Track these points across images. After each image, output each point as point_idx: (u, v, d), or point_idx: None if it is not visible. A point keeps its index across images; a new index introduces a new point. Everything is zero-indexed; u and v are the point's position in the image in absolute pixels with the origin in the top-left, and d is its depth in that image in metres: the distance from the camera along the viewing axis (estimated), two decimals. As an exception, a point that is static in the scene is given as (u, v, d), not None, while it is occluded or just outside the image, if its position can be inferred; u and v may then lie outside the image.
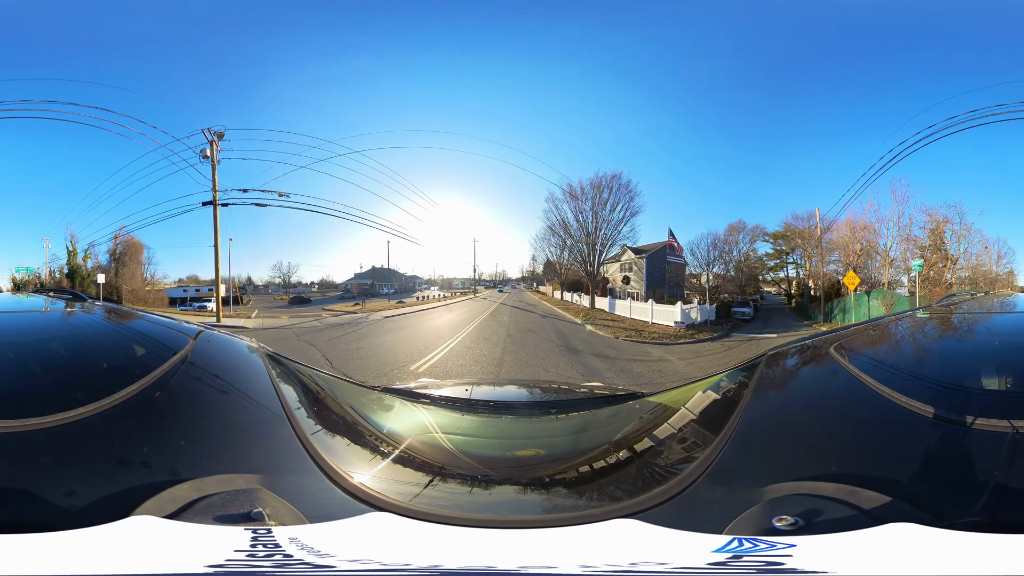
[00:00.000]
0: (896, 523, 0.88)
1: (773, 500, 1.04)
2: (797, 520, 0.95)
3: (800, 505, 1.01)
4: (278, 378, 1.80)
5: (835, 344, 1.78)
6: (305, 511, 1.09)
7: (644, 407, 2.29)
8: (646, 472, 1.59)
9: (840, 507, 0.99)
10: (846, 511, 0.98)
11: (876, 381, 1.36)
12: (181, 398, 1.44)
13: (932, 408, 1.18)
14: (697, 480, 1.22)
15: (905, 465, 1.11)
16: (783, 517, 0.96)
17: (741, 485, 1.19)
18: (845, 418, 1.36)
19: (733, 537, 0.93)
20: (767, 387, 1.68)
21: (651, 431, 1.94)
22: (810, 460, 1.21)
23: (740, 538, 0.93)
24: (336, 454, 1.45)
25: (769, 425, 1.46)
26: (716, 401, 1.92)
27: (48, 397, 1.25)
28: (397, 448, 1.73)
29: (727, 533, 0.98)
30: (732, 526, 1.00)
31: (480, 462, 1.83)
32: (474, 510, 1.41)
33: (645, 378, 12.85)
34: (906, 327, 2.05)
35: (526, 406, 2.72)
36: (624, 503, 1.34)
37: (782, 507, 1.00)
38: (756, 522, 0.99)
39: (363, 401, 2.34)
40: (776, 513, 0.98)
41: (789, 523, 0.95)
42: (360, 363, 14.20)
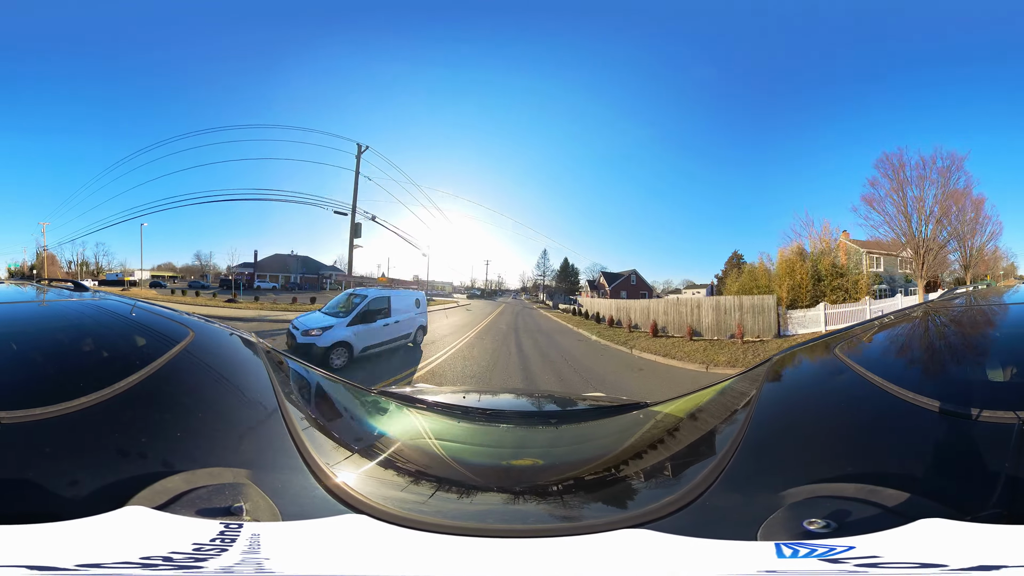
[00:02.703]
0: (926, 519, 0.89)
1: (796, 504, 1.05)
2: (829, 522, 0.96)
3: (824, 507, 1.01)
4: (275, 374, 1.79)
5: (840, 344, 1.79)
6: (283, 508, 1.11)
7: (648, 417, 2.26)
8: (653, 481, 1.57)
9: (865, 507, 1.00)
10: (872, 510, 0.99)
11: (883, 379, 1.37)
12: (179, 390, 1.47)
13: (940, 403, 1.19)
14: (711, 487, 1.22)
15: (919, 461, 1.12)
16: (814, 520, 0.97)
17: (758, 491, 1.20)
18: (855, 417, 1.37)
19: (777, 543, 0.91)
20: (774, 391, 1.69)
21: (657, 440, 1.91)
22: (825, 462, 1.21)
23: (784, 543, 0.90)
24: (325, 453, 1.47)
25: (779, 429, 1.46)
26: (723, 408, 1.91)
27: (51, 387, 1.28)
28: (386, 451, 1.75)
29: (761, 539, 0.94)
30: (762, 531, 0.97)
31: (472, 470, 1.81)
32: (457, 517, 1.40)
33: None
34: (910, 323, 2.05)
35: (524, 415, 2.68)
36: (630, 513, 1.32)
37: (807, 511, 1.01)
38: (787, 526, 1.00)
39: (358, 402, 2.31)
40: (803, 517, 0.99)
41: (822, 526, 0.96)
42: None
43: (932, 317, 2.09)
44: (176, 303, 21.16)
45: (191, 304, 23.59)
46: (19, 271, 33.42)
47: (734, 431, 1.47)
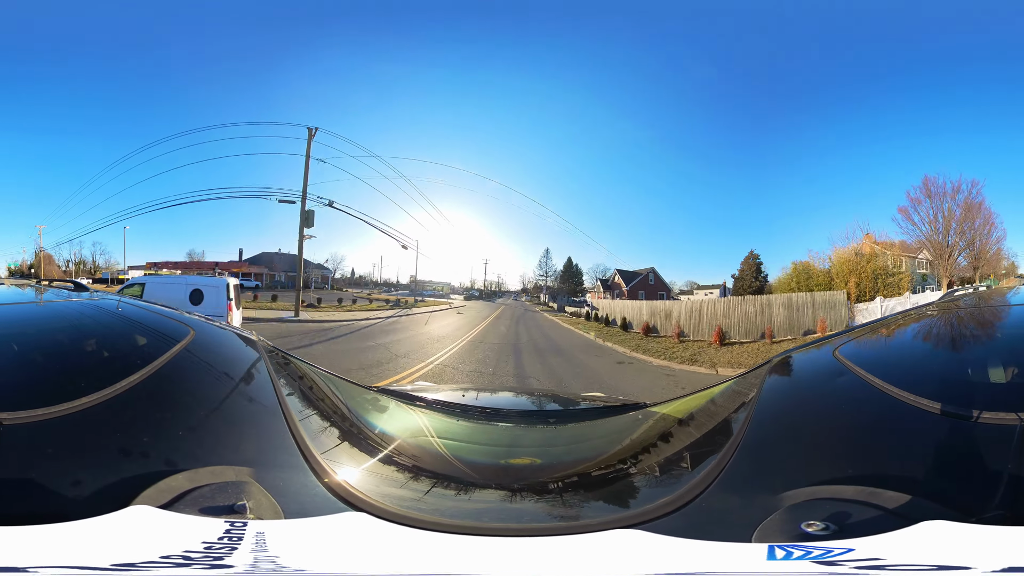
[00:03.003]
0: (928, 521, 0.89)
1: (794, 506, 1.05)
2: (828, 525, 0.96)
3: (824, 509, 1.01)
4: (276, 372, 1.81)
5: (840, 346, 1.79)
6: (285, 506, 1.12)
7: (647, 417, 2.28)
8: (649, 482, 1.58)
9: (865, 509, 1.00)
10: (872, 512, 0.99)
11: (883, 381, 1.38)
12: (181, 388, 1.48)
13: (940, 405, 1.20)
14: (707, 489, 1.22)
15: (920, 463, 1.12)
16: (812, 522, 0.96)
17: (756, 493, 1.20)
18: (855, 419, 1.37)
19: (770, 544, 0.92)
20: (774, 393, 1.69)
21: (654, 441, 1.92)
22: (824, 464, 1.22)
23: (778, 545, 0.91)
24: (325, 451, 1.49)
25: (778, 431, 1.47)
26: (722, 409, 1.92)
27: (53, 387, 1.28)
28: (386, 449, 1.76)
29: (756, 541, 0.95)
30: (758, 533, 0.98)
31: (470, 468, 1.82)
32: (454, 515, 1.42)
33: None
34: (910, 325, 2.05)
35: (523, 414, 2.69)
36: (624, 513, 1.33)
37: (806, 513, 1.01)
38: (784, 528, 1.00)
39: (359, 400, 2.33)
40: (801, 519, 0.98)
41: (820, 528, 0.95)
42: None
43: (932, 318, 2.10)
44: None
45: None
46: (18, 270, 34.53)
47: (733, 432, 1.47)
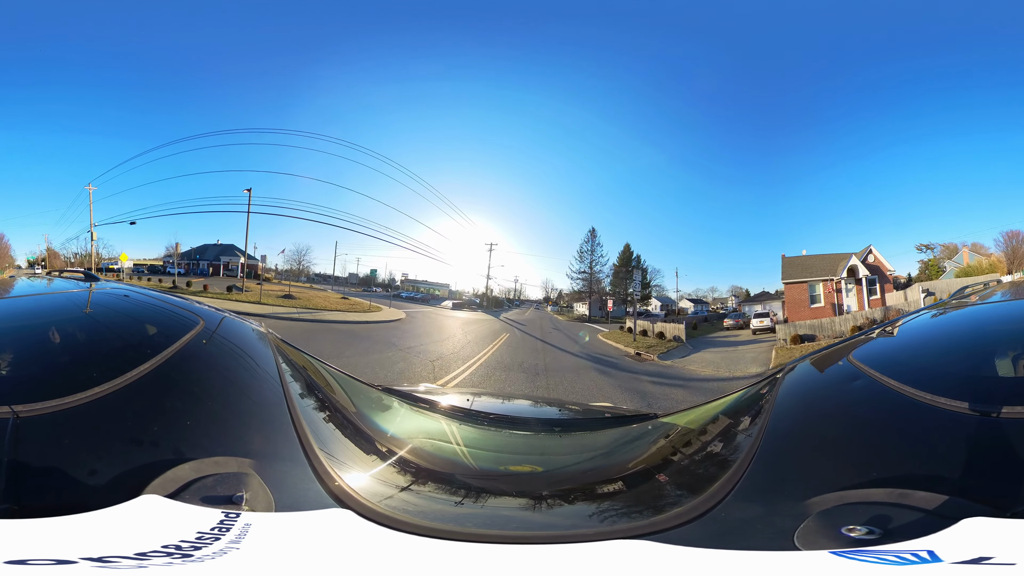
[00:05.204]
0: (969, 519, 0.88)
1: (825, 512, 1.04)
2: (872, 529, 0.95)
3: (857, 514, 1.00)
4: (284, 365, 1.81)
5: (852, 349, 1.78)
6: (279, 499, 1.14)
7: (657, 428, 2.24)
8: (660, 493, 1.55)
9: (902, 511, 1.00)
10: (912, 514, 0.99)
11: (898, 382, 1.38)
12: (189, 379, 1.50)
13: (958, 402, 1.20)
14: (725, 499, 1.21)
15: (945, 462, 1.12)
16: (853, 527, 0.96)
17: (779, 500, 1.20)
18: (873, 422, 1.37)
19: (831, 551, 0.90)
20: (788, 400, 1.68)
21: (665, 452, 1.89)
22: (848, 468, 1.21)
23: (840, 552, 0.88)
24: (325, 446, 1.51)
25: (796, 437, 1.47)
26: (735, 418, 1.90)
27: (65, 379, 1.31)
28: (384, 448, 1.79)
29: (803, 548, 0.93)
30: (799, 540, 0.99)
31: (468, 473, 1.81)
32: (443, 520, 1.42)
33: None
34: (921, 325, 2.02)
35: (527, 421, 2.68)
36: (630, 524, 1.31)
37: (840, 518, 1.00)
38: (825, 534, 0.99)
39: (364, 399, 2.34)
40: (838, 524, 0.98)
41: (864, 532, 0.95)
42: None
43: (943, 318, 2.07)
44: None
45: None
46: (36, 261, 39.31)
47: (748, 441, 1.46)
